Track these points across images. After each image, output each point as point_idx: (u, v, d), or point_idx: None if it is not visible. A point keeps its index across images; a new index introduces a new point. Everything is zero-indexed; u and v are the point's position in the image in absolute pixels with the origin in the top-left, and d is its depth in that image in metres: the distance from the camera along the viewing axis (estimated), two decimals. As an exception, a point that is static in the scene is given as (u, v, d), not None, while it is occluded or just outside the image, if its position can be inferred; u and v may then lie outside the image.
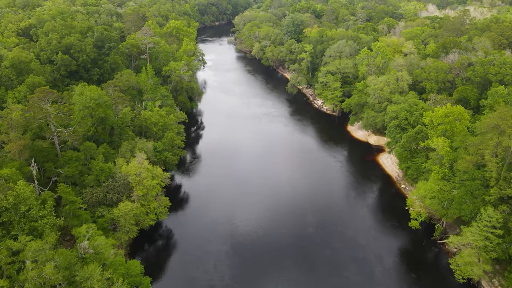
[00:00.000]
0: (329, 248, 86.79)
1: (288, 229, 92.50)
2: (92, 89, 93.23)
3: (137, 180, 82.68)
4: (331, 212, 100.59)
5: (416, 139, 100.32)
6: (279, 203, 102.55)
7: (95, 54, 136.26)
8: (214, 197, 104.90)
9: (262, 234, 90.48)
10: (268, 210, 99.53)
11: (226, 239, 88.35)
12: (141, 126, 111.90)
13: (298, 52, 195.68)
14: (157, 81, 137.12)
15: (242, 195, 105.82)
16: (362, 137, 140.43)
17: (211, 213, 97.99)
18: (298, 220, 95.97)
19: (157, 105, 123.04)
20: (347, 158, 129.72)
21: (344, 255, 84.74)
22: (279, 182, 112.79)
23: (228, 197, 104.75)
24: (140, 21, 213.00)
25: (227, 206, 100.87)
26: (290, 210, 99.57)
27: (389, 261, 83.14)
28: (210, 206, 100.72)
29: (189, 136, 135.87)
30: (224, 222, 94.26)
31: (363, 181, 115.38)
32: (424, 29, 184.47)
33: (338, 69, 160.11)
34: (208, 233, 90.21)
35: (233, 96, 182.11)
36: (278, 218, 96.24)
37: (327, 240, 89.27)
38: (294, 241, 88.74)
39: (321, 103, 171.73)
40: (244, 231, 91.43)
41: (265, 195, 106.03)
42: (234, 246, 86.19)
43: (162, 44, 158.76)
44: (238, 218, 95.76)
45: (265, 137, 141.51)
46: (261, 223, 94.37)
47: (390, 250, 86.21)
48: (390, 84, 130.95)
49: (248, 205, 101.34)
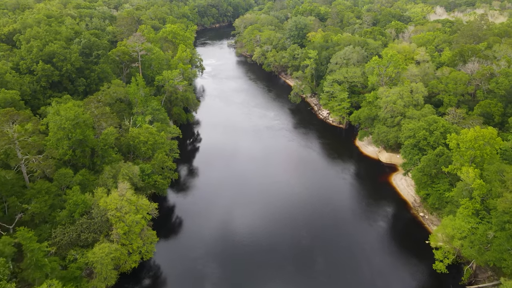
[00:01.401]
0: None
1: (293, 265, 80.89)
2: (68, 107, 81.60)
3: (118, 215, 71.09)
4: (338, 239, 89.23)
5: (437, 163, 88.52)
6: (281, 228, 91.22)
7: (81, 63, 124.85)
8: (210, 221, 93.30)
9: (262, 268, 78.88)
10: (271, 236, 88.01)
11: (225, 279, 76.77)
12: (128, 145, 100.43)
13: (302, 59, 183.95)
14: (149, 92, 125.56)
15: (240, 219, 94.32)
16: (372, 153, 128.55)
17: (206, 240, 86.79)
18: (303, 254, 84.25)
19: (148, 120, 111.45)
20: (356, 178, 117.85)
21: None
22: (282, 205, 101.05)
23: (224, 221, 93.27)
24: (135, 25, 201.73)
25: (223, 231, 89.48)
26: (293, 238, 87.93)
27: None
28: (205, 233, 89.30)
29: (184, 151, 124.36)
30: (221, 253, 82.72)
31: (375, 205, 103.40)
32: (437, 34, 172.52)
33: (345, 78, 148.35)
34: (202, 269, 78.60)
35: (232, 106, 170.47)
36: (280, 246, 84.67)
37: (334, 277, 77.62)
38: (300, 278, 77.14)
39: (326, 114, 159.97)
40: (243, 269, 79.83)
41: (266, 220, 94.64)
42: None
43: (156, 51, 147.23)
44: (237, 249, 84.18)
45: (267, 154, 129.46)
46: (263, 255, 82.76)
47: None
48: (403, 96, 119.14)
49: (249, 233, 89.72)
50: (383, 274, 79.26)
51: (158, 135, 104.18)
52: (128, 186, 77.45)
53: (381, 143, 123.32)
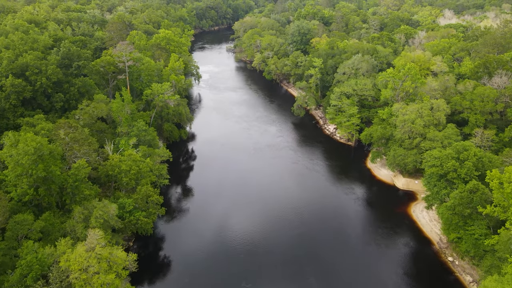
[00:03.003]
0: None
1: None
2: (29, 137, 67.57)
3: (83, 279, 57.06)
4: (352, 278, 75.87)
5: (471, 202, 74.46)
6: (289, 264, 77.54)
7: (59, 76, 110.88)
8: (202, 268, 79.35)
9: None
10: (272, 274, 74.19)
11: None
12: (108, 176, 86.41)
13: (306, 67, 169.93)
14: (136, 109, 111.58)
15: (237, 256, 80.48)
16: (386, 177, 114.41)
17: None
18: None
19: (132, 144, 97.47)
20: (369, 207, 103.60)
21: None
22: (287, 243, 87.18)
23: (222, 263, 79.38)
24: (126, 30, 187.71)
25: (221, 277, 75.74)
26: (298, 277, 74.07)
27: None
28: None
29: (175, 173, 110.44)
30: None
31: (392, 242, 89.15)
32: (453, 41, 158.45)
33: (354, 90, 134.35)
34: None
35: (231, 119, 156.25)
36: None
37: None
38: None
39: (333, 129, 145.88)
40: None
41: (269, 256, 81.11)
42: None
43: (146, 60, 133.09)
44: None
45: (269, 179, 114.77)
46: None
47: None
48: (423, 115, 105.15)
49: (249, 271, 75.81)
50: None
51: (143, 162, 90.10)
52: (101, 235, 63.37)
53: (396, 167, 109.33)
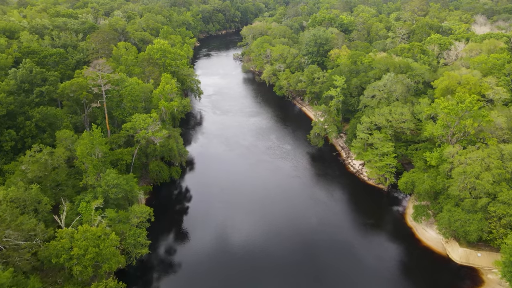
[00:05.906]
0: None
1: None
2: None
3: None
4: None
5: None
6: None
7: (12, 106, 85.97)
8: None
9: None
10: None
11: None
12: (52, 263, 60.81)
13: (325, 86, 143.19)
14: (107, 151, 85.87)
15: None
16: (436, 243, 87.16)
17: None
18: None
19: (96, 206, 71.76)
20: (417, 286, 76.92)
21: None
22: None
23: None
24: (116, 40, 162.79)
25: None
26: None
27: None
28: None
29: (159, 228, 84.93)
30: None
31: None
32: (505, 57, 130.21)
33: (388, 121, 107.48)
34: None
35: (236, 151, 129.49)
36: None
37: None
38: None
39: (359, 166, 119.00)
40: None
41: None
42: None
43: (130, 82, 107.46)
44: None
45: (280, 242, 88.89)
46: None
47: None
48: (491, 167, 77.93)
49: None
50: None
51: (107, 238, 64.32)
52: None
53: (452, 234, 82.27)
